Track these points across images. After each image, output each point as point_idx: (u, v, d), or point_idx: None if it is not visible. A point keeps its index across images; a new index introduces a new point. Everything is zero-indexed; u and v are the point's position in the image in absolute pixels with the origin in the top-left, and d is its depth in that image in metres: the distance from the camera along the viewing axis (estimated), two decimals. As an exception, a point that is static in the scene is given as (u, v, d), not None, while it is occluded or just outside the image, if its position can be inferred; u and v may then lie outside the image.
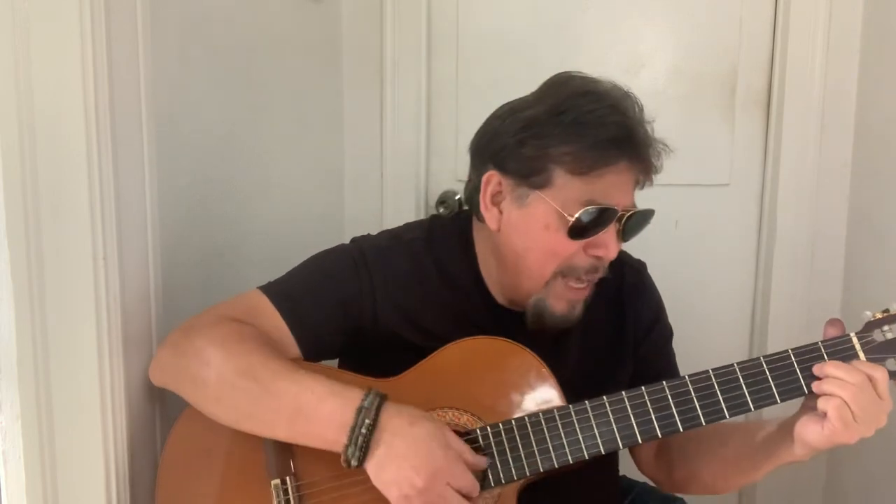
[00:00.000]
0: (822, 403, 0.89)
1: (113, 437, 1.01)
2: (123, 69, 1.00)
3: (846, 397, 0.88)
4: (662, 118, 1.59)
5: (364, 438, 0.88)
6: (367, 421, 0.88)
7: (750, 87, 1.76)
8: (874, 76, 1.63)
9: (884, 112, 1.59)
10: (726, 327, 1.82)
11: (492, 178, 1.03)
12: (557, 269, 1.01)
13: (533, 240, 1.01)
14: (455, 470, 0.89)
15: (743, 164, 1.79)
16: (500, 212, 1.03)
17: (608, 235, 1.00)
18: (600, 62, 1.74)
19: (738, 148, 1.78)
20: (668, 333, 1.19)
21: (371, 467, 0.90)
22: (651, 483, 1.22)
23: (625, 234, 1.02)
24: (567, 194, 0.98)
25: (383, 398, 0.91)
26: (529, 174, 1.00)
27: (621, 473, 1.22)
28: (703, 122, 1.77)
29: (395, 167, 1.78)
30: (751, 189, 1.80)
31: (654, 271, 1.21)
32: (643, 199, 1.04)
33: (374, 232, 1.16)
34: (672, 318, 1.21)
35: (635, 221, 1.02)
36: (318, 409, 0.91)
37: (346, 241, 1.14)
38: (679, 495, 1.21)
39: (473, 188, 1.07)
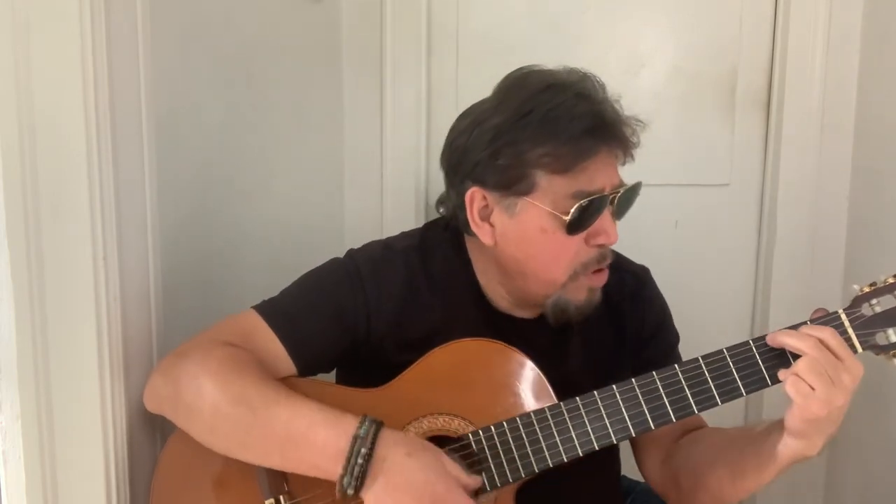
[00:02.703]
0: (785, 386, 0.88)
1: (113, 437, 1.01)
2: (123, 69, 1.00)
3: (798, 370, 0.86)
4: (662, 118, 1.59)
5: (360, 468, 0.86)
6: (363, 450, 0.86)
7: (750, 87, 1.75)
8: (874, 76, 1.63)
9: (884, 112, 1.59)
10: (726, 327, 1.81)
11: (475, 195, 1.01)
12: (570, 271, 1.00)
13: (533, 246, 1.00)
14: (455, 499, 0.88)
15: (743, 164, 1.78)
16: (492, 225, 1.02)
17: (605, 221, 0.99)
18: (600, 62, 1.72)
19: (738, 148, 1.78)
20: (673, 339, 1.16)
21: (368, 498, 0.88)
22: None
23: (618, 213, 1.01)
24: (555, 193, 0.96)
25: (379, 426, 0.89)
26: (511, 183, 0.97)
27: (622, 474, 1.21)
28: (702, 122, 1.77)
29: (395, 167, 1.77)
30: (751, 189, 1.79)
31: (654, 271, 1.21)
32: (641, 198, 1.03)
33: (373, 232, 1.17)
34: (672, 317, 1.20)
35: (625, 198, 1.00)
36: (311, 436, 0.89)
37: (345, 241, 1.15)
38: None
39: (456, 206, 1.05)
